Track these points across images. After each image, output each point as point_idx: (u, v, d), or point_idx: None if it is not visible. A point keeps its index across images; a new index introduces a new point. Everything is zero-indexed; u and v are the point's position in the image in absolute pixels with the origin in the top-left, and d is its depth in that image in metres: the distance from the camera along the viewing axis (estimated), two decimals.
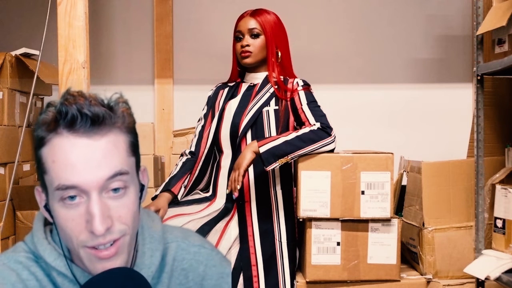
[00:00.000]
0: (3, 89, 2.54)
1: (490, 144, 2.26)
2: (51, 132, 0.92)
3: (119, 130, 0.95)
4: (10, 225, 2.55)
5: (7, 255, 1.01)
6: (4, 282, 0.96)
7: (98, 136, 0.92)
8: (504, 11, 2.01)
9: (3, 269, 0.98)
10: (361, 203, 2.05)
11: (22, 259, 1.00)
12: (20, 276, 0.97)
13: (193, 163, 2.25)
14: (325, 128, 2.08)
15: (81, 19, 1.84)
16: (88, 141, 0.91)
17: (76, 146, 0.91)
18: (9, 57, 2.57)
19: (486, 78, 2.20)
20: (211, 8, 3.15)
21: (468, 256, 2.19)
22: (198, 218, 2.06)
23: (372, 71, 3.15)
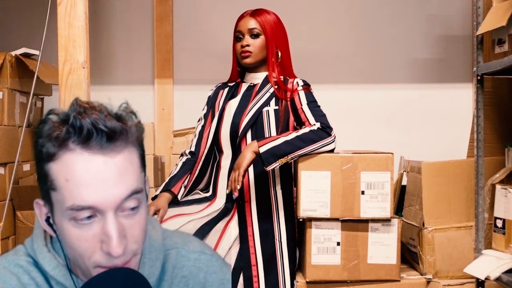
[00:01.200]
0: (3, 89, 2.54)
1: (490, 144, 2.26)
2: (61, 147, 0.87)
3: (132, 145, 0.91)
4: (10, 225, 2.55)
5: (8, 258, 1.00)
6: (5, 286, 0.95)
7: (114, 153, 0.87)
8: (504, 11, 2.01)
9: (4, 272, 0.97)
10: (361, 203, 2.05)
11: (23, 263, 0.98)
12: (21, 280, 0.96)
13: (193, 163, 2.25)
14: (325, 128, 2.08)
15: (81, 19, 1.84)
16: (104, 159, 0.87)
17: (92, 164, 0.86)
18: (9, 57, 2.58)
19: (486, 78, 2.20)
20: (211, 8, 3.15)
21: (468, 256, 2.19)
22: (198, 218, 2.06)
23: (372, 71, 3.15)
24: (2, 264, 0.99)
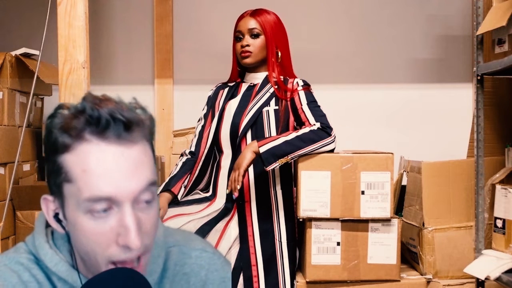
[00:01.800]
0: (3, 89, 2.54)
1: (490, 144, 2.26)
2: (76, 138, 0.85)
3: (146, 138, 0.90)
4: (10, 225, 2.55)
5: (9, 256, 1.00)
6: (5, 284, 0.95)
7: (130, 143, 0.86)
8: (504, 11, 2.01)
9: (5, 270, 0.97)
10: (361, 203, 2.05)
11: (23, 260, 0.98)
12: (21, 277, 0.96)
13: (193, 163, 2.25)
14: (325, 128, 2.08)
15: (81, 19, 1.84)
16: (120, 149, 0.85)
17: (109, 154, 0.85)
18: (9, 57, 2.58)
19: (486, 78, 2.20)
20: (211, 8, 3.15)
21: (468, 256, 2.19)
22: (198, 218, 2.06)
23: (372, 71, 3.15)
24: (3, 261, 0.99)
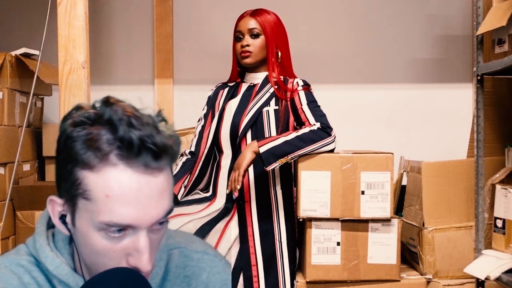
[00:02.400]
0: (3, 89, 2.54)
1: (490, 144, 2.26)
2: (102, 159, 0.82)
3: (170, 164, 0.87)
4: (10, 225, 2.55)
5: (9, 258, 0.99)
6: (6, 285, 0.95)
7: (157, 172, 0.84)
8: (504, 11, 2.01)
9: (5, 272, 0.96)
10: (361, 203, 2.05)
11: (24, 262, 0.98)
12: (22, 280, 0.96)
13: (193, 163, 2.25)
14: (325, 128, 2.08)
15: (81, 19, 1.84)
16: (147, 178, 0.83)
17: (134, 183, 0.83)
18: (9, 57, 2.58)
19: (486, 78, 2.20)
20: (211, 8, 3.15)
21: (468, 256, 2.19)
22: (198, 218, 2.06)
23: (372, 71, 3.15)
24: (3, 263, 0.98)
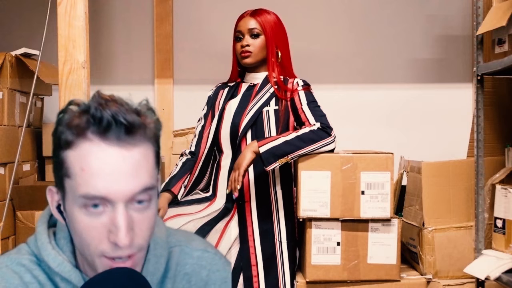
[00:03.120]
0: (3, 89, 2.54)
1: (490, 144, 2.26)
2: (79, 135, 0.88)
3: (149, 141, 0.92)
4: (10, 225, 2.55)
5: (10, 257, 1.00)
6: (7, 285, 0.95)
7: (130, 146, 0.88)
8: (504, 11, 2.01)
9: (6, 271, 0.97)
10: (361, 203, 2.05)
11: (25, 261, 0.99)
12: (23, 279, 0.97)
13: (193, 163, 2.25)
14: (325, 128, 2.08)
15: (81, 19, 1.84)
16: (120, 151, 0.88)
17: (108, 155, 0.87)
18: (9, 57, 2.58)
19: (486, 78, 2.20)
20: (211, 8, 3.15)
21: (468, 256, 2.19)
22: (198, 218, 2.06)
23: (372, 71, 3.15)
24: (4, 263, 0.99)
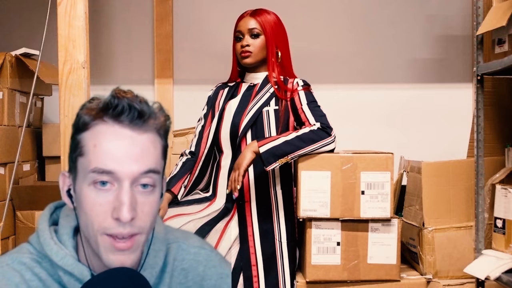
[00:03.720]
0: (3, 89, 2.54)
1: (490, 144, 2.26)
2: (96, 119, 0.96)
3: (157, 132, 0.99)
4: (10, 225, 2.55)
5: (11, 256, 1.02)
6: (8, 283, 0.97)
7: (141, 131, 0.96)
8: (504, 11, 2.01)
9: (7, 270, 0.99)
10: (361, 203, 2.05)
11: (25, 260, 1.01)
12: (24, 277, 0.98)
13: (193, 163, 2.25)
14: (325, 128, 2.08)
15: (81, 19, 1.84)
16: (131, 133, 0.95)
17: (119, 136, 0.95)
18: (9, 57, 2.58)
19: (486, 78, 2.20)
20: (211, 8, 3.15)
21: (468, 256, 2.19)
22: (198, 218, 2.06)
23: (372, 71, 3.15)
24: (5, 261, 1.01)
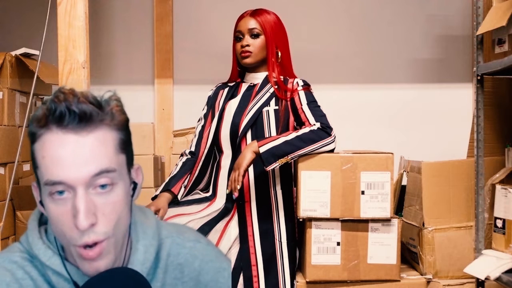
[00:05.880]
0: (3, 89, 2.54)
1: (490, 144, 2.26)
2: (42, 128, 0.94)
3: (107, 127, 0.96)
4: (10, 225, 2.55)
5: (2, 255, 1.01)
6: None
7: (85, 132, 0.93)
8: (504, 11, 2.01)
9: None
10: (361, 203, 2.05)
11: (17, 258, 1.00)
12: (15, 275, 0.98)
13: (193, 163, 2.25)
14: (325, 128, 2.08)
15: (81, 19, 1.84)
16: (75, 137, 0.93)
17: (64, 142, 0.92)
18: (9, 57, 2.57)
19: (486, 78, 2.20)
20: (211, 8, 3.15)
21: (468, 256, 2.19)
22: (198, 218, 2.06)
23: (372, 71, 3.15)
24: None
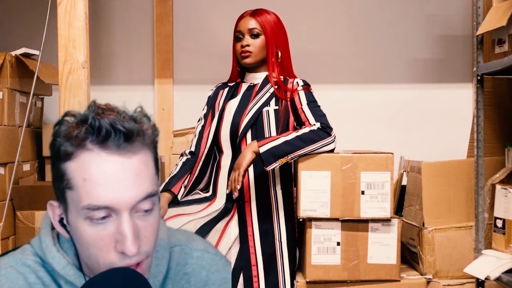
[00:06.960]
0: (3, 89, 2.54)
1: (490, 144, 2.26)
2: (79, 146, 0.88)
3: (148, 147, 0.93)
4: (10, 225, 2.55)
5: (15, 257, 1.00)
6: (12, 285, 0.95)
7: (130, 154, 0.89)
8: (504, 11, 2.01)
9: (11, 272, 0.97)
10: (361, 203, 2.05)
11: (29, 262, 0.99)
12: (27, 279, 0.97)
13: (193, 163, 2.25)
14: (325, 128, 2.08)
15: (81, 19, 1.84)
16: (120, 159, 0.88)
17: (109, 164, 0.87)
18: (9, 57, 2.58)
19: (486, 78, 2.20)
20: (211, 8, 3.15)
21: (468, 256, 2.19)
22: (198, 218, 2.06)
23: (372, 71, 3.15)
24: (9, 263, 0.99)
